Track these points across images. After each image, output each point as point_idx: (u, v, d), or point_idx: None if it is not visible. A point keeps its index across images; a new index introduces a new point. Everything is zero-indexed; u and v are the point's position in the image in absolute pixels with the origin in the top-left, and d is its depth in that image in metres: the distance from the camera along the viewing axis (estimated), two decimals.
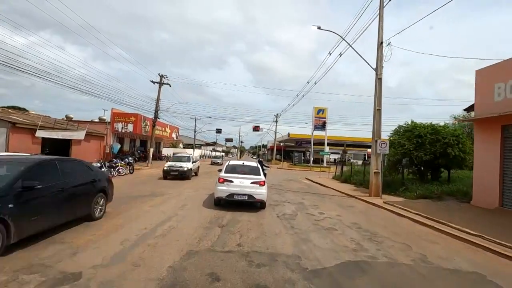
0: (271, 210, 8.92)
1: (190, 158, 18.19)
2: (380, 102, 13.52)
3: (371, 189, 13.22)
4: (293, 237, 6.04)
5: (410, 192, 12.89)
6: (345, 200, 12.37)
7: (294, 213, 8.79)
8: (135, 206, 8.38)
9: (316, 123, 42.48)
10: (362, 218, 8.62)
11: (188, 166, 16.91)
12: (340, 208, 10.32)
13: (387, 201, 11.56)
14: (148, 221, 6.63)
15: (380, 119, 13.51)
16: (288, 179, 21.65)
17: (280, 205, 9.98)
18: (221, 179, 8.56)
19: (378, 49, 13.56)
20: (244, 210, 8.53)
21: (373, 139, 13.45)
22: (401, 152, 13.78)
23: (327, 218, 8.28)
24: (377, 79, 13.47)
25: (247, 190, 8.38)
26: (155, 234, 5.57)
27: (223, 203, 8.87)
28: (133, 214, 7.25)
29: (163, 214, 7.38)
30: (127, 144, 33.61)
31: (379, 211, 10.10)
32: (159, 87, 28.60)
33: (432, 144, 13.33)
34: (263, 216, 7.93)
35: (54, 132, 18.61)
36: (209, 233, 5.89)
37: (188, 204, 8.97)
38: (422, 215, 9.03)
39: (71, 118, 30.50)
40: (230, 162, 9.85)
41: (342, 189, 16.00)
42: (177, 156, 19.12)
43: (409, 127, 14.67)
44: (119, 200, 9.04)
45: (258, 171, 9.18)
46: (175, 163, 17.12)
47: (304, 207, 9.91)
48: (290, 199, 11.58)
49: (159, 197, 10.15)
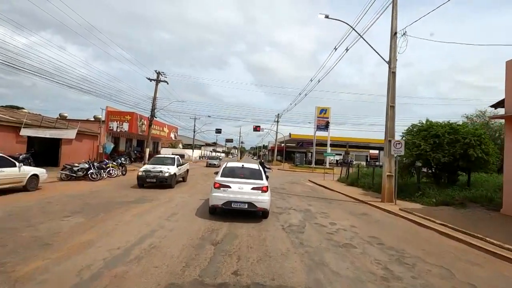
0: (275, 220, 7.70)
1: (174, 160, 14.46)
2: (393, 99, 12.31)
3: (383, 194, 12.01)
4: (304, 259, 4.82)
5: (427, 197, 11.68)
6: (356, 207, 11.14)
7: (302, 223, 7.57)
8: (115, 215, 7.15)
9: (319, 123, 41.24)
10: (381, 230, 7.40)
11: (171, 170, 13.18)
12: (353, 216, 9.10)
13: (403, 208, 10.34)
14: (126, 236, 5.41)
15: (393, 116, 12.30)
16: (291, 182, 20.44)
17: (284, 213, 8.77)
18: (216, 184, 7.34)
19: (391, 40, 12.36)
20: (244, 219, 7.32)
21: (386, 139, 12.24)
22: (416, 154, 12.55)
23: (340, 230, 7.06)
24: (390, 73, 12.27)
25: (247, 197, 7.17)
26: (129, 258, 4.34)
27: (219, 212, 7.68)
28: (110, 227, 6.03)
29: (146, 227, 6.15)
30: (123, 144, 32.41)
31: (397, 221, 8.88)
32: (156, 85, 27.42)
33: (450, 145, 12.11)
34: (266, 228, 6.71)
35: (41, 130, 17.41)
36: (199, 255, 4.67)
37: (178, 213, 7.74)
38: (449, 226, 7.81)
39: (65, 116, 29.28)
40: (227, 164, 8.61)
41: (350, 193, 14.78)
42: (158, 157, 15.54)
43: (424, 126, 13.44)
44: (98, 208, 7.86)
45: (260, 175, 7.95)
46: (153, 166, 13.33)
47: (312, 216, 8.69)
48: (295, 205, 10.37)
49: (147, 204, 8.93)
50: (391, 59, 12.29)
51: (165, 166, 13.39)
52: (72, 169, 14.32)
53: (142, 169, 13.07)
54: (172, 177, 13.12)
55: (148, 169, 12.95)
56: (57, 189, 11.07)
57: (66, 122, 22.31)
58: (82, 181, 13.93)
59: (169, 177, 12.90)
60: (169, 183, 12.88)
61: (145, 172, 12.78)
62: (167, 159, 14.63)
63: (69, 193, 10.31)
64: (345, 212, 9.74)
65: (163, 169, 12.97)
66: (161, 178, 12.65)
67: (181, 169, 14.87)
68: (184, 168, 15.81)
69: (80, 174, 14.34)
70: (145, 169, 13.09)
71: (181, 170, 15.05)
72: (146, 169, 13.05)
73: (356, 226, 7.61)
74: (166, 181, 12.73)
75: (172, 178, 13.06)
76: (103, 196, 9.86)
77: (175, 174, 13.49)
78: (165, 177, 12.74)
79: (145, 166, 14.09)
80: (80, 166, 14.64)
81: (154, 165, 13.60)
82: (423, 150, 12.37)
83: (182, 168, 15.20)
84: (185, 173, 16.19)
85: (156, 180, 12.57)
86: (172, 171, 13.25)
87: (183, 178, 15.93)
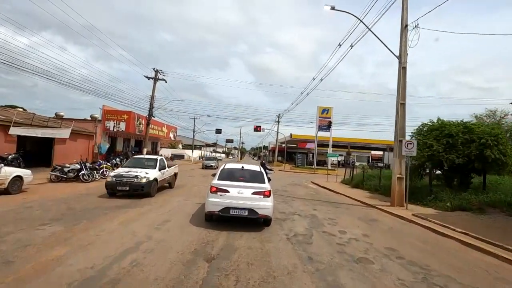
0: (278, 228, 6.92)
1: (157, 162, 11.68)
2: (404, 95, 11.53)
3: (393, 197, 11.22)
4: (315, 280, 4.04)
5: (440, 201, 10.88)
6: (364, 212, 10.34)
7: (308, 232, 6.78)
8: (99, 222, 6.37)
9: (321, 123, 40.39)
10: (397, 240, 6.61)
11: (150, 175, 10.38)
12: (363, 223, 8.31)
13: (416, 213, 9.55)
14: (105, 250, 4.62)
15: (404, 115, 11.52)
16: (293, 184, 19.64)
17: (289, 220, 7.98)
18: (213, 188, 6.54)
19: (401, 34, 11.57)
20: (243, 227, 6.54)
21: (396, 139, 11.45)
22: (428, 155, 11.74)
23: (352, 241, 6.26)
24: (400, 68, 11.49)
25: (248, 203, 6.38)
26: (102, 281, 3.55)
27: (216, 218, 6.89)
28: (89, 238, 5.25)
29: (132, 238, 5.36)
30: (120, 144, 31.62)
31: (412, 228, 8.08)
32: (154, 83, 26.66)
33: (465, 145, 11.30)
34: (268, 239, 5.92)
35: (33, 129, 16.66)
36: (189, 275, 3.88)
37: (171, 220, 6.95)
38: (472, 235, 7.01)
39: (61, 115, 28.52)
40: (226, 165, 7.81)
41: (356, 196, 13.99)
42: (137, 158, 12.81)
43: (435, 126, 12.63)
44: (83, 214, 7.08)
45: (262, 177, 7.16)
46: (128, 170, 10.51)
47: (319, 223, 7.90)
48: (300, 210, 9.58)
49: (137, 209, 8.14)
50: (402, 54, 11.51)
51: (143, 169, 10.72)
52: (62, 170, 13.56)
53: (113, 174, 10.40)
54: (151, 184, 10.33)
55: (120, 174, 10.16)
56: (43, 192, 10.30)
57: (59, 121, 21.51)
58: (73, 183, 13.17)
59: (147, 184, 10.06)
60: (146, 192, 10.03)
61: (115, 178, 9.97)
62: (148, 161, 12.02)
63: (55, 196, 9.54)
64: (353, 218, 8.94)
65: (139, 173, 10.18)
66: (136, 185, 9.84)
67: (165, 173, 12.09)
68: (170, 172, 12.99)
69: (71, 175, 13.58)
70: (117, 173, 10.35)
71: (166, 174, 12.26)
72: (118, 173, 10.28)
73: (369, 235, 6.82)
74: (142, 189, 9.89)
75: (151, 185, 10.26)
76: (90, 200, 9.09)
77: (155, 180, 10.75)
78: (141, 184, 9.91)
79: (118, 169, 11.60)
80: (71, 167, 13.88)
81: (130, 168, 10.88)
82: (435, 150, 11.56)
83: (167, 172, 12.41)
84: (171, 178, 13.34)
85: (129, 188, 9.77)
86: (152, 176, 10.48)
87: (170, 183, 13.25)
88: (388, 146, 44.37)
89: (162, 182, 11.80)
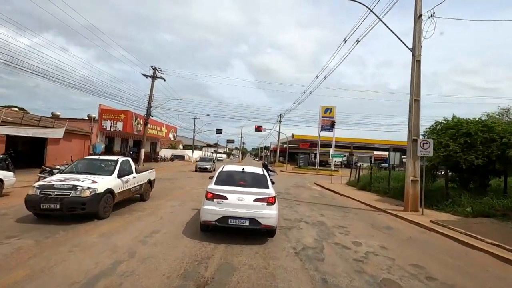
0: (283, 239, 6.06)
1: (116, 166, 8.04)
2: (418, 91, 10.66)
3: (407, 201, 10.34)
4: None
5: (458, 206, 10.00)
6: (376, 217, 9.47)
7: (318, 244, 5.91)
8: (77, 234, 5.52)
9: (324, 123, 39.49)
10: (421, 254, 5.73)
11: (100, 185, 6.93)
12: (377, 231, 7.44)
13: (435, 219, 8.67)
14: (72, 274, 3.75)
15: (418, 112, 10.65)
16: (296, 185, 18.77)
17: (295, 228, 7.11)
18: (209, 194, 5.67)
19: (415, 24, 10.70)
20: (244, 238, 5.70)
21: (410, 138, 10.57)
22: (444, 155, 10.83)
23: (370, 255, 5.39)
24: (414, 62, 10.62)
25: (249, 211, 5.51)
26: None
27: (213, 228, 6.03)
28: (58, 256, 4.38)
29: (110, 255, 4.49)
30: (118, 144, 30.86)
31: (433, 238, 7.20)
32: (152, 81, 25.86)
33: (485, 145, 10.41)
34: (274, 254, 5.05)
35: (23, 129, 15.85)
36: None
37: (160, 230, 6.08)
38: (506, 247, 6.13)
39: (58, 115, 27.74)
40: (224, 167, 6.92)
41: (364, 199, 13.11)
42: (86, 160, 8.78)
43: (450, 124, 11.73)
44: (61, 223, 6.21)
45: (265, 181, 6.28)
46: (66, 177, 7.16)
47: (329, 232, 7.03)
48: (306, 216, 8.71)
49: (125, 216, 7.28)
50: (415, 46, 10.63)
51: (92, 176, 7.26)
52: (51, 172, 12.70)
53: (40, 183, 6.81)
54: (100, 199, 6.74)
55: (49, 184, 6.63)
56: None
57: (53, 120, 20.71)
58: None
59: (92, 199, 6.52)
60: (91, 210, 6.55)
61: (41, 190, 6.44)
62: (105, 163, 8.37)
63: None
64: (366, 225, 8.07)
65: (81, 183, 6.70)
66: (73, 201, 6.33)
67: (129, 181, 8.35)
68: (140, 179, 9.14)
69: None
70: (46, 183, 6.77)
71: (132, 182, 8.51)
72: (48, 183, 6.75)
73: (387, 247, 5.95)
74: (83, 206, 6.39)
75: (99, 200, 6.70)
76: None
77: (110, 192, 7.17)
78: (82, 199, 6.41)
79: (52, 176, 8.10)
80: (61, 168, 13.03)
81: (71, 174, 7.49)
82: (452, 151, 10.66)
83: (134, 180, 8.65)
84: (143, 187, 9.43)
85: (61, 206, 6.24)
86: (102, 187, 6.90)
87: (141, 195, 9.49)
88: (392, 146, 43.47)
89: (124, 195, 8.09)
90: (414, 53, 10.62)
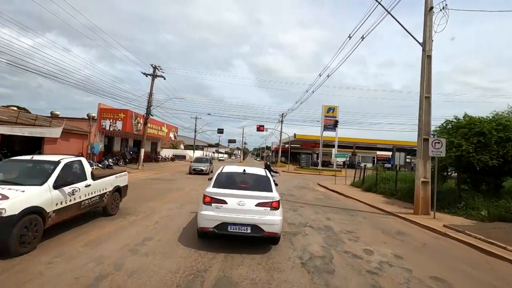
0: (288, 246, 5.55)
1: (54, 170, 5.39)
2: (429, 88, 10.12)
3: (417, 204, 9.81)
4: None
5: (471, 209, 9.47)
6: (386, 221, 8.94)
7: (327, 252, 5.39)
8: (60, 242, 5.01)
9: (326, 123, 38.88)
10: (439, 264, 5.21)
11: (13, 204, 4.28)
12: (389, 237, 6.91)
13: (448, 224, 8.13)
14: None
15: (429, 109, 10.12)
16: (299, 186, 18.24)
17: (300, 234, 6.60)
18: (207, 198, 5.17)
19: (426, 17, 10.17)
20: (245, 246, 5.19)
21: (420, 137, 10.04)
22: (456, 155, 10.28)
23: (385, 266, 4.87)
24: (424, 57, 10.08)
25: (251, 217, 5.00)
26: None
27: (211, 235, 5.52)
28: (35, 269, 3.88)
29: (93, 268, 3.99)
30: (118, 143, 30.40)
31: (450, 245, 6.66)
32: (152, 80, 25.43)
33: (500, 145, 9.87)
34: (278, 265, 4.54)
35: (18, 128, 15.38)
36: None
37: (154, 237, 5.57)
38: None
39: (57, 114, 27.36)
40: (224, 168, 6.40)
41: (371, 201, 12.57)
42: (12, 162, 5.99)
43: (462, 123, 11.17)
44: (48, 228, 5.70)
45: (268, 184, 5.76)
46: None
47: (337, 238, 6.51)
48: (311, 220, 8.19)
49: (118, 220, 6.78)
50: (426, 40, 10.10)
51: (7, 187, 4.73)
52: None
53: None
54: (10, 224, 4.18)
55: None
56: None
57: (50, 120, 20.28)
58: None
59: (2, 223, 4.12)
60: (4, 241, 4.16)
61: None
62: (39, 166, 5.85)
63: None
64: (376, 231, 7.54)
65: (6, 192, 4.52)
66: None
67: (77, 191, 5.78)
68: (99, 187, 6.66)
69: None
70: None
71: (81, 193, 5.93)
72: None
73: (402, 257, 5.42)
74: None
75: (12, 225, 4.21)
76: None
77: (33, 213, 4.62)
78: None
79: None
80: None
81: None
82: (464, 151, 10.10)
83: (85, 190, 6.06)
84: (103, 198, 6.85)
85: None
86: (17, 205, 4.37)
87: (104, 208, 7.06)
88: (395, 146, 42.85)
89: (69, 212, 5.58)
90: (425, 48, 10.08)
